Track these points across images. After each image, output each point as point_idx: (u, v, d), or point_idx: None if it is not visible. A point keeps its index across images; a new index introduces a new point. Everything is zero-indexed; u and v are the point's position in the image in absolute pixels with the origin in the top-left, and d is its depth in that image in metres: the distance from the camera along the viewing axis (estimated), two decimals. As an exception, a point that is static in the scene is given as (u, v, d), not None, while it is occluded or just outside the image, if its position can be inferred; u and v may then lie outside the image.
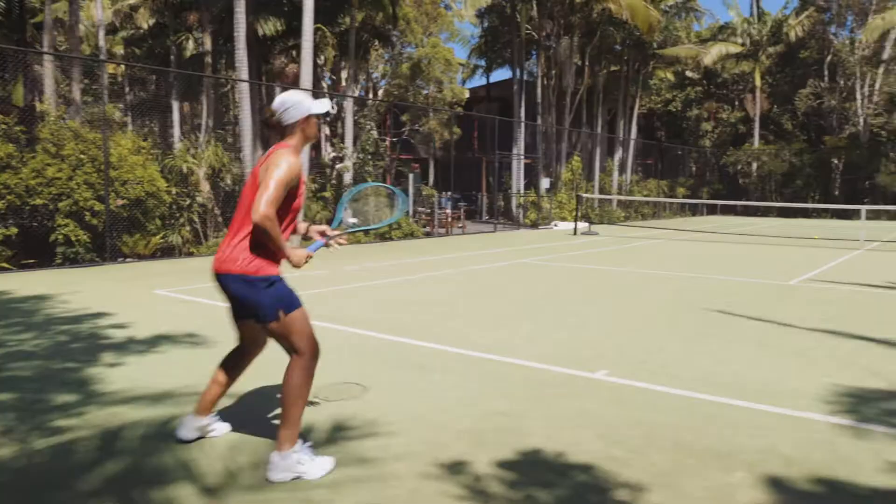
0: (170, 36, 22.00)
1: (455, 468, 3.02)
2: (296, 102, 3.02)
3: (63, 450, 3.19)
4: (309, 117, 3.04)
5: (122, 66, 27.72)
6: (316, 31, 16.88)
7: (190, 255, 13.14)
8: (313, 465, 2.92)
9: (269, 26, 16.11)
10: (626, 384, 4.31)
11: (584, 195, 22.62)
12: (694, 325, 6.29)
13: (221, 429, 3.39)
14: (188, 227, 13.40)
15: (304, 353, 2.96)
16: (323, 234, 3.30)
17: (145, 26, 23.97)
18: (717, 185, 35.37)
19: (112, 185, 10.76)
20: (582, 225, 20.30)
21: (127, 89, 27.76)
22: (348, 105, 17.02)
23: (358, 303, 7.33)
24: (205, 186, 14.65)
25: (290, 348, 2.98)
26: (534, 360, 4.89)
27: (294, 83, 18.03)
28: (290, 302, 2.97)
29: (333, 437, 3.36)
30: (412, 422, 3.59)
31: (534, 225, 22.66)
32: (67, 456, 3.12)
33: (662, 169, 33.49)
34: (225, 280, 2.96)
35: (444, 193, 21.25)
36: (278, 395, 3.10)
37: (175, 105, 22.20)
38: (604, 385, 4.29)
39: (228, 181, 14.97)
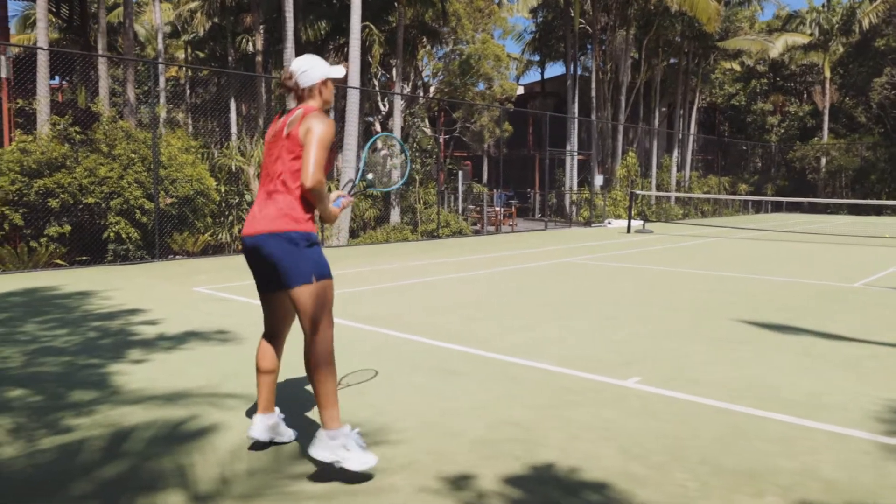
0: (227, 38, 22.50)
1: (457, 482, 2.84)
2: (313, 65, 3.01)
3: (66, 451, 3.16)
4: (326, 80, 3.03)
5: (184, 69, 28.49)
6: (364, 28, 16.91)
7: (239, 252, 13.32)
8: (356, 455, 2.80)
9: (314, 32, 16.21)
10: (658, 393, 4.04)
11: (639, 192, 21.98)
12: (741, 330, 5.92)
13: (288, 435, 3.21)
14: (238, 225, 13.59)
15: (326, 326, 2.87)
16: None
17: (201, 30, 24.56)
18: (783, 182, 33.93)
19: (161, 184, 10.98)
20: (636, 223, 19.75)
21: (187, 90, 28.46)
22: (397, 103, 16.97)
23: (390, 302, 7.22)
24: (255, 184, 14.86)
25: (313, 320, 2.85)
26: (562, 364, 4.66)
27: (343, 81, 18.10)
28: (325, 268, 2.90)
29: (337, 443, 3.22)
30: (422, 429, 3.43)
31: (586, 223, 22.19)
32: (69, 458, 3.09)
33: (725, 165, 32.33)
34: (263, 242, 2.86)
35: (495, 191, 21.02)
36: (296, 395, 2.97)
37: (232, 105, 22.68)
38: (633, 394, 4.03)
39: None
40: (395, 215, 16.82)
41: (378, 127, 22.89)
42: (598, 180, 23.40)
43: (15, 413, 3.65)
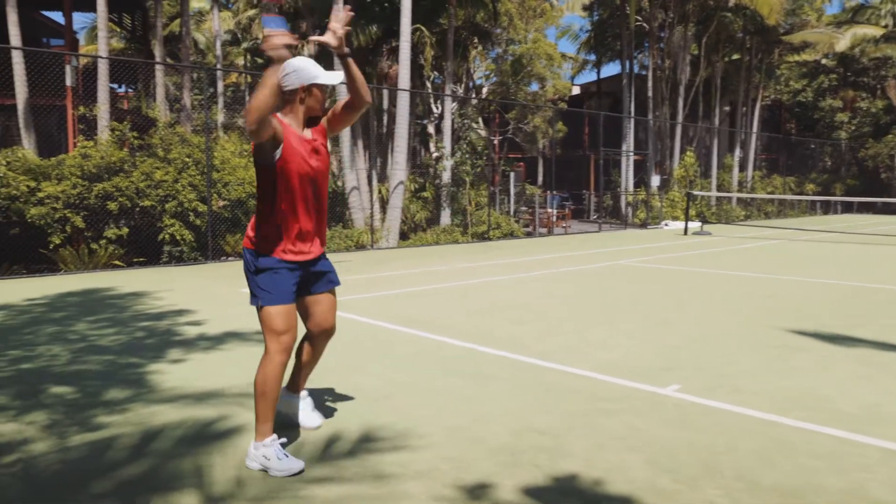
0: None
1: (475, 492, 2.75)
2: (298, 68, 2.84)
3: (95, 448, 3.21)
4: (311, 87, 2.87)
5: (243, 75, 29.22)
6: (415, 31, 16.95)
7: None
8: (279, 463, 2.89)
9: (367, 35, 16.33)
10: (697, 402, 3.84)
11: (698, 193, 21.33)
12: (797, 337, 5.61)
13: (310, 421, 3.41)
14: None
15: (273, 352, 2.93)
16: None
17: (261, 36, 25.11)
18: (853, 181, 32.38)
19: (214, 187, 11.24)
20: (694, 224, 19.17)
21: (247, 96, 29.12)
22: (447, 104, 16.95)
23: (433, 304, 7.16)
24: (307, 187, 15.07)
25: (264, 342, 2.97)
26: (601, 370, 4.50)
27: (396, 84, 18.17)
28: (269, 295, 2.91)
29: (356, 448, 3.18)
30: (446, 434, 3.35)
31: (642, 224, 21.67)
32: (97, 455, 3.13)
33: (791, 164, 31.09)
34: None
35: (549, 192, 20.76)
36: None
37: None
38: (670, 402, 3.85)
39: (330, 182, 15.33)
40: (445, 217, 16.79)
41: (431, 129, 22.93)
42: (655, 181, 22.83)
43: (52, 410, 3.75)
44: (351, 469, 2.95)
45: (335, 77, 2.90)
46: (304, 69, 2.85)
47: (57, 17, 26.79)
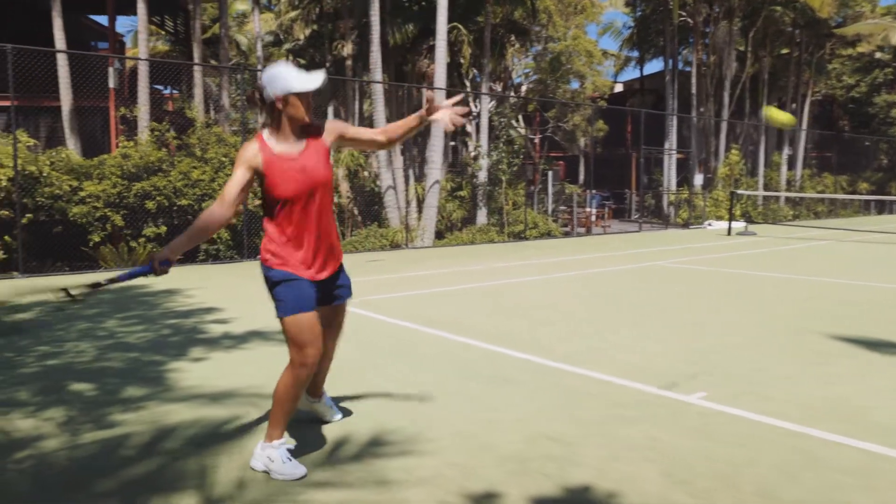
0: (325, 44, 23.14)
1: (479, 500, 2.66)
2: (271, 78, 2.73)
3: (106, 446, 3.23)
4: (287, 96, 2.73)
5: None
6: (452, 29, 16.88)
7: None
8: (282, 466, 2.86)
9: (402, 34, 16.34)
10: (722, 411, 3.67)
11: (743, 192, 20.73)
12: (837, 344, 5.35)
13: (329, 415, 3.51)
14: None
15: (294, 364, 2.87)
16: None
17: (302, 37, 25.41)
18: (911, 180, 31.10)
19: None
20: (738, 224, 18.65)
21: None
22: (484, 103, 16.84)
23: (461, 304, 7.08)
24: (343, 187, 15.15)
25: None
26: (624, 375, 4.36)
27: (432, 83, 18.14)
28: (287, 305, 2.87)
29: (363, 452, 3.12)
30: (456, 440, 3.27)
31: (685, 224, 21.19)
32: (106, 454, 3.15)
33: (843, 162, 30.01)
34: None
35: (589, 191, 20.47)
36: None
37: (330, 109, 23.30)
38: (693, 410, 3.69)
39: (363, 181, 15.38)
40: (481, 216, 16.69)
41: (468, 127, 22.85)
42: (698, 180, 22.29)
43: (69, 406, 3.79)
44: (354, 474, 2.89)
45: (312, 81, 2.73)
46: (276, 79, 2.73)
47: (104, 20, 27.57)
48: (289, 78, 2.73)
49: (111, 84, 11.90)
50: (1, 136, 10.13)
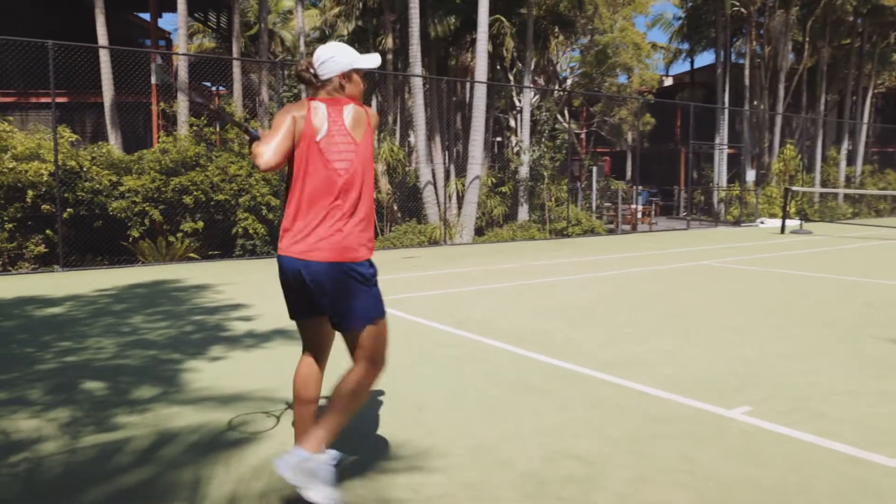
0: (369, 39, 23.09)
1: (488, 526, 2.40)
2: (334, 54, 2.58)
3: (104, 451, 3.08)
4: (351, 73, 2.59)
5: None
6: (494, 22, 16.56)
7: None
8: (319, 489, 2.39)
9: (444, 26, 16.09)
10: (768, 429, 3.32)
11: (798, 188, 19.84)
12: (893, 354, 4.90)
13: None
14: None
15: (383, 364, 2.56)
16: None
17: (346, 32, 25.41)
18: (982, 176, 29.34)
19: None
20: (792, 222, 17.85)
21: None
22: (525, 96, 16.47)
23: (493, 304, 6.81)
24: (383, 182, 15.01)
25: (372, 355, 2.52)
26: (661, 386, 4.03)
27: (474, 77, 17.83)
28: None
29: (370, 466, 2.89)
30: (471, 455, 3.01)
31: (736, 222, 20.41)
32: (103, 460, 3.00)
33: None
34: (326, 270, 2.44)
35: (636, 187, 19.90)
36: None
37: (374, 104, 23.22)
38: (736, 427, 3.35)
39: (402, 176, 15.21)
40: (523, 213, 16.35)
41: (513, 122, 22.48)
42: (750, 175, 21.44)
43: (76, 406, 3.67)
44: (357, 491, 2.66)
45: (373, 60, 2.65)
46: (340, 54, 2.59)
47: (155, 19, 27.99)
48: (353, 54, 2.61)
49: (153, 80, 11.98)
50: (44, 132, 10.25)
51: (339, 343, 2.70)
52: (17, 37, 9.95)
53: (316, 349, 2.72)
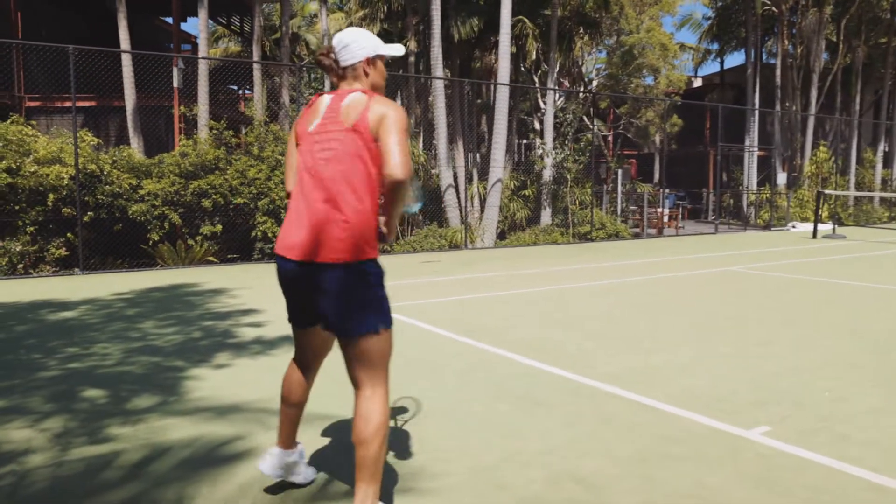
0: (394, 41, 23.08)
1: (478, 557, 2.25)
2: (356, 39, 2.41)
3: (91, 466, 2.99)
4: (375, 59, 2.44)
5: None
6: (517, 23, 16.39)
7: (386, 252, 13.41)
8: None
9: (467, 28, 15.96)
10: (786, 451, 3.12)
11: (831, 191, 19.30)
12: (933, 366, 4.63)
13: (304, 476, 2.72)
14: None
15: (386, 383, 2.34)
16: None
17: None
18: None
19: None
20: (825, 227, 17.35)
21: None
22: (549, 98, 16.26)
23: (508, 312, 6.64)
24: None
25: (375, 376, 2.31)
26: (675, 402, 3.84)
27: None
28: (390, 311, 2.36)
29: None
30: (467, 476, 2.86)
31: (766, 226, 19.92)
32: (89, 475, 2.91)
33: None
34: (324, 270, 2.25)
35: (662, 190, 19.55)
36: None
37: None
38: (752, 449, 3.15)
39: (428, 180, 15.10)
40: (545, 216, 16.14)
41: (537, 125, 22.27)
42: (781, 178, 20.94)
43: (71, 416, 3.61)
44: (343, 514, 2.53)
45: (398, 49, 2.50)
46: (361, 39, 2.42)
47: (182, 23, 28.23)
48: (376, 39, 2.45)
49: (175, 83, 12.06)
50: (66, 136, 10.34)
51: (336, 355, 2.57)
52: (45, 42, 10.05)
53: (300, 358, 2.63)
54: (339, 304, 2.25)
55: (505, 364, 4.69)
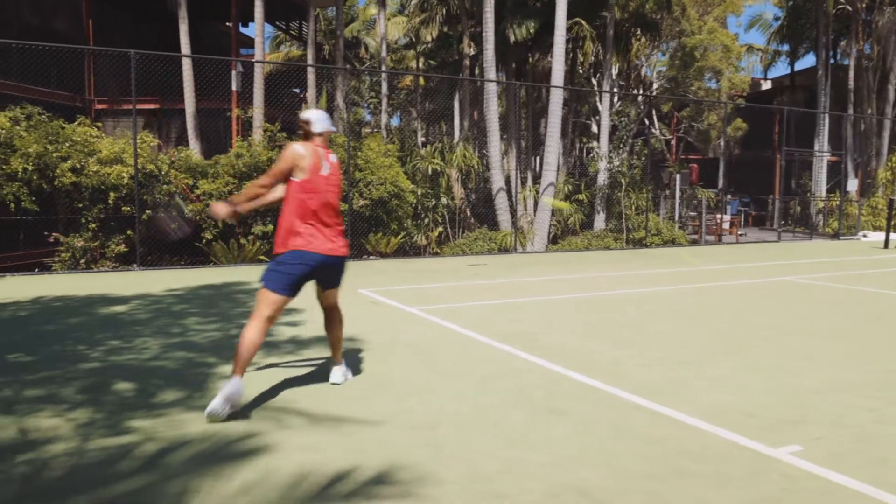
0: (453, 45, 23.13)
1: (464, 567, 2.21)
2: (320, 119, 3.96)
3: (110, 456, 3.09)
4: (323, 133, 3.97)
5: (417, 78, 29.98)
6: (574, 25, 16.18)
7: (436, 255, 13.45)
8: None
9: (523, 30, 15.86)
10: (814, 472, 2.94)
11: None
12: None
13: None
14: (434, 228, 13.73)
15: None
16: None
17: (429, 38, 25.56)
18: None
19: (356, 186, 11.39)
20: (898, 236, 16.42)
21: (418, 98, 29.85)
22: (604, 101, 15.99)
23: (543, 318, 6.54)
24: (457, 188, 14.93)
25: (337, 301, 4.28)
26: (700, 416, 3.68)
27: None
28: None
29: (359, 491, 2.75)
30: (467, 484, 2.82)
31: (834, 234, 19.04)
32: (106, 465, 3.00)
33: None
34: (342, 260, 4.06)
35: (726, 196, 18.93)
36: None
37: (456, 109, 23.23)
38: (778, 470, 2.99)
39: (476, 183, 15.08)
40: (599, 221, 15.86)
41: (595, 128, 21.93)
42: (852, 185, 19.96)
43: (97, 407, 3.74)
44: (338, 517, 2.53)
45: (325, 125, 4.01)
46: (321, 120, 3.95)
47: (245, 29, 29.01)
48: (326, 122, 3.99)
49: (234, 87, 12.41)
50: (130, 137, 10.78)
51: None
52: (114, 48, 10.50)
53: (275, 319, 4.03)
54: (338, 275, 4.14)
55: (530, 370, 4.62)
